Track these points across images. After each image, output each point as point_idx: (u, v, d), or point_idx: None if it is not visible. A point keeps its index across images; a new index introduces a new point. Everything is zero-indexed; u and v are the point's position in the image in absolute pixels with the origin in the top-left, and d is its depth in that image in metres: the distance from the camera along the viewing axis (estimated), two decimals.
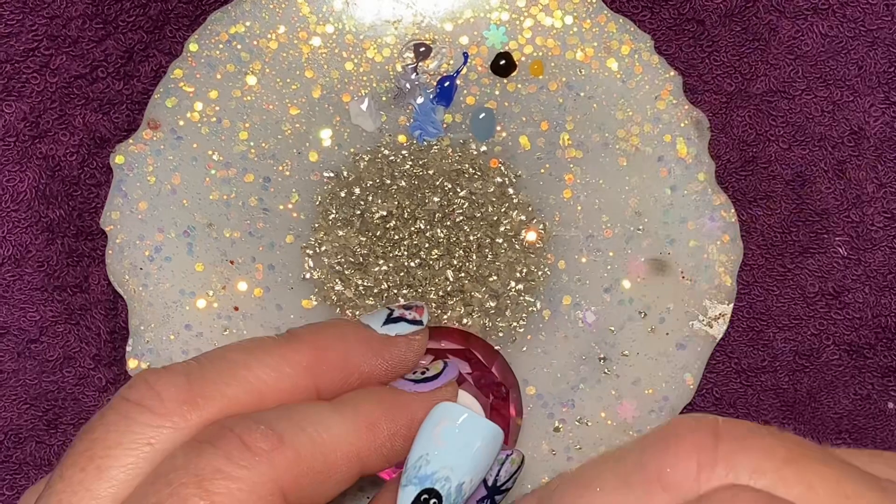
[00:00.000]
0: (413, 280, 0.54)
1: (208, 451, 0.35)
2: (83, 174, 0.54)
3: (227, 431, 0.36)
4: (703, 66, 0.55)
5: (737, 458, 0.32)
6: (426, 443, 0.39)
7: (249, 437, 0.36)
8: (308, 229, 0.54)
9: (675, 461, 0.32)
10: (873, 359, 0.56)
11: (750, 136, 0.55)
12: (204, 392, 0.37)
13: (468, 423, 0.40)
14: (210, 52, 0.53)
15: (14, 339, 0.54)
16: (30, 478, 0.55)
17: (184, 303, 0.53)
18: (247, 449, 0.36)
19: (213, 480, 0.35)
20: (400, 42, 0.54)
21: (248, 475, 0.35)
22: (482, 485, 0.41)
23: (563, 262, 0.54)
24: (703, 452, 0.32)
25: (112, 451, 0.36)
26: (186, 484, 0.34)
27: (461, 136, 0.54)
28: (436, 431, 0.39)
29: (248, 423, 0.36)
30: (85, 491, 0.36)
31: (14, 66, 0.53)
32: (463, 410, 0.40)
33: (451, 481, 0.39)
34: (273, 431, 0.36)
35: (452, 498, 0.39)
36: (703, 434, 0.32)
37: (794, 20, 0.55)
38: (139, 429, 0.36)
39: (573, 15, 0.54)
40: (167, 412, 0.37)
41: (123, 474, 0.36)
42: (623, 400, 0.53)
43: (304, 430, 0.37)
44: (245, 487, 0.35)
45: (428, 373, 0.43)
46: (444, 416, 0.40)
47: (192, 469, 0.35)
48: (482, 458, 0.40)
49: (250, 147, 0.54)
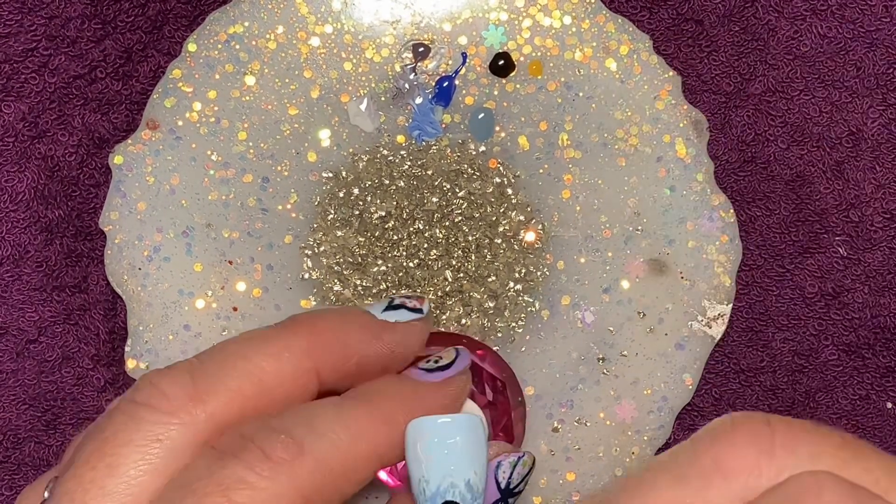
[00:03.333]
0: (412, 280, 0.54)
1: (231, 461, 0.36)
2: (82, 174, 0.54)
3: (248, 442, 0.36)
4: (702, 66, 0.55)
5: (795, 443, 0.32)
6: (416, 466, 0.39)
7: (270, 448, 0.36)
8: (307, 229, 0.54)
9: (733, 449, 0.32)
10: (872, 359, 0.56)
11: (749, 137, 0.55)
12: (208, 387, 0.38)
13: (440, 430, 0.40)
14: (209, 53, 0.53)
15: (13, 339, 0.54)
16: (28, 478, 0.55)
17: (182, 303, 0.53)
18: (268, 459, 0.36)
19: (238, 490, 0.35)
20: (399, 42, 0.54)
21: (270, 486, 0.36)
22: (495, 488, 0.42)
23: (562, 263, 0.54)
24: (760, 439, 0.32)
25: (122, 448, 0.36)
26: (211, 493, 0.35)
27: (460, 136, 0.54)
28: (417, 453, 0.39)
29: (268, 432, 0.37)
30: (97, 489, 0.36)
31: (13, 66, 0.53)
32: (428, 422, 0.40)
33: (457, 485, 0.39)
34: (293, 440, 0.37)
35: (469, 497, 0.39)
36: (757, 423, 0.33)
37: (793, 21, 0.55)
38: (148, 427, 0.37)
39: (572, 15, 0.54)
40: (174, 409, 0.37)
41: (135, 471, 0.36)
42: (622, 400, 0.53)
43: (323, 435, 0.37)
44: (268, 497, 0.35)
45: (441, 361, 0.43)
46: (416, 436, 0.40)
47: (216, 479, 0.35)
48: (470, 448, 0.40)
49: (249, 147, 0.54)
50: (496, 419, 0.49)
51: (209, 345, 0.52)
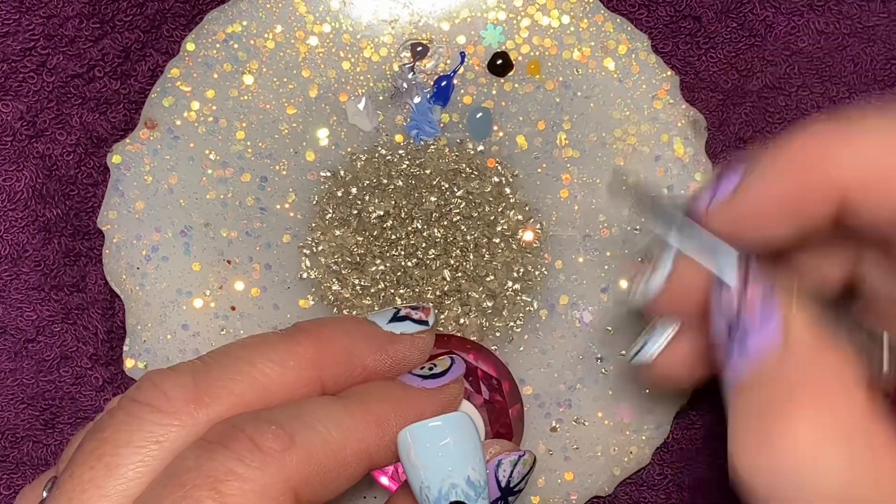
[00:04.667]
0: (410, 280, 0.54)
1: (220, 452, 0.36)
2: (80, 173, 0.54)
3: (239, 432, 0.36)
4: (700, 63, 0.55)
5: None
6: (414, 473, 0.40)
7: (261, 438, 0.36)
8: (305, 229, 0.54)
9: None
10: None
11: (747, 133, 0.55)
12: (210, 390, 0.38)
13: (431, 434, 0.40)
14: (207, 52, 0.53)
15: (11, 338, 0.54)
16: (27, 477, 0.55)
17: (181, 302, 0.53)
18: (258, 450, 0.36)
19: (226, 482, 0.35)
20: (397, 41, 0.54)
21: (259, 476, 0.35)
22: (496, 486, 0.42)
23: (561, 262, 0.54)
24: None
25: (121, 449, 0.36)
26: (199, 486, 0.35)
27: (458, 135, 0.54)
28: (412, 461, 0.40)
29: (259, 423, 0.37)
30: (95, 489, 0.36)
31: (11, 65, 0.53)
32: (418, 427, 0.40)
33: (458, 484, 0.39)
34: (284, 431, 0.37)
35: (473, 494, 0.40)
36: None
37: (790, 16, 0.55)
38: (148, 427, 0.37)
39: (570, 14, 0.53)
40: (175, 411, 0.37)
41: (133, 472, 0.36)
42: (620, 400, 0.53)
43: (314, 429, 0.37)
44: (257, 489, 0.35)
45: (436, 369, 0.43)
46: (409, 444, 0.40)
47: (205, 470, 0.35)
48: (464, 446, 0.40)
49: (247, 146, 0.53)
50: (493, 418, 0.49)
51: (207, 344, 0.53)
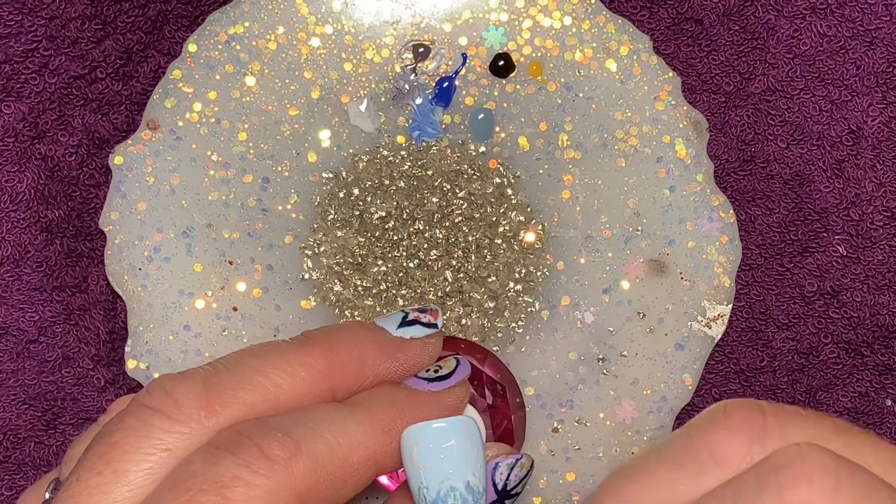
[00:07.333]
0: (412, 281, 0.54)
1: (227, 458, 0.35)
2: (82, 175, 0.54)
3: (245, 439, 0.36)
4: (702, 65, 0.55)
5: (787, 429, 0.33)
6: (414, 473, 0.39)
7: (267, 445, 0.36)
8: (307, 230, 0.54)
9: (726, 436, 0.33)
10: (871, 357, 0.56)
11: (748, 136, 0.55)
12: (221, 398, 0.38)
13: (434, 435, 0.40)
14: (209, 53, 0.53)
15: (13, 339, 0.54)
16: (28, 478, 0.55)
17: (183, 303, 0.53)
18: (264, 456, 0.36)
19: (232, 488, 0.35)
20: (399, 43, 0.54)
21: (266, 483, 0.35)
22: (492, 489, 0.42)
23: (562, 263, 0.54)
24: (752, 427, 0.33)
25: (130, 455, 0.36)
26: (205, 491, 0.35)
27: (460, 136, 0.54)
28: (414, 460, 0.39)
29: (266, 430, 0.37)
30: (102, 494, 0.36)
31: (13, 66, 0.53)
32: (422, 428, 0.40)
33: (457, 488, 0.39)
34: (290, 438, 0.36)
35: (470, 499, 0.39)
36: (750, 410, 0.33)
37: (793, 19, 0.55)
38: (158, 434, 0.37)
39: (572, 16, 0.53)
40: (185, 418, 0.37)
41: (141, 478, 0.36)
42: (622, 400, 0.53)
43: (320, 436, 0.37)
44: (263, 495, 0.35)
45: (441, 371, 0.43)
46: (412, 443, 0.40)
47: (211, 476, 0.35)
48: (466, 450, 0.40)
49: (249, 148, 0.54)
50: (496, 423, 0.49)
51: (209, 345, 0.53)
